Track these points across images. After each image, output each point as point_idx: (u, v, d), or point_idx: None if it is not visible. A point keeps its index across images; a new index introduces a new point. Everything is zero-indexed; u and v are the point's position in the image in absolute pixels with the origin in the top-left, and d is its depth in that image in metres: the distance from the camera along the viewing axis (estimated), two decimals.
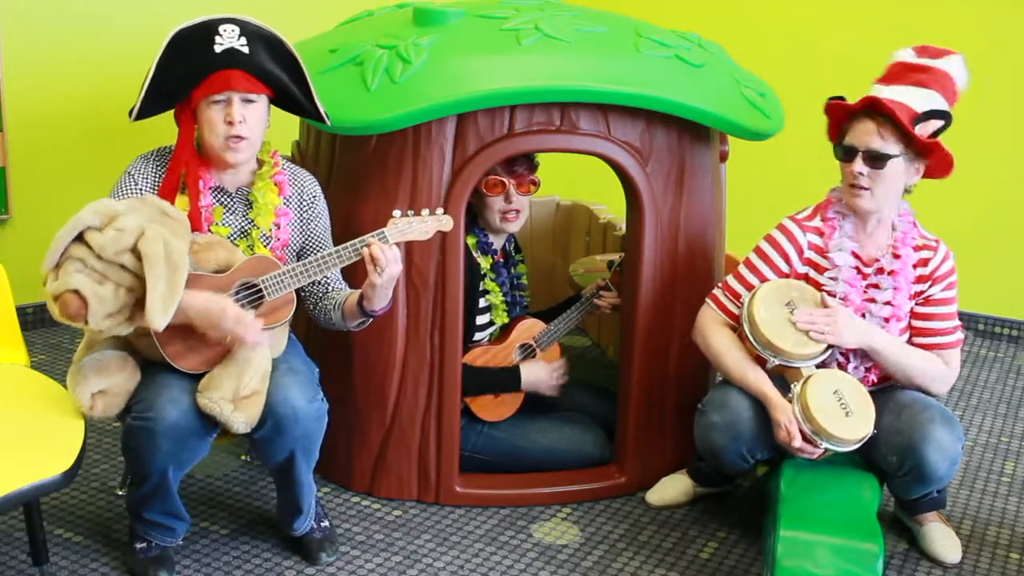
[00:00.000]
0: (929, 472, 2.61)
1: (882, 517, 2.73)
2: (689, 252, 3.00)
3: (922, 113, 2.60)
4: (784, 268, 2.78)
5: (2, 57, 3.83)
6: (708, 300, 2.83)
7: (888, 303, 2.70)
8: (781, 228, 2.80)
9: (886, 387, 2.78)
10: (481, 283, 3.07)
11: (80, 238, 2.25)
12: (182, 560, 2.65)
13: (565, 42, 2.77)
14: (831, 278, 2.73)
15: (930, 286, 2.73)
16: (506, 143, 2.79)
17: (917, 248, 2.73)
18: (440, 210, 2.57)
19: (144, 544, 2.58)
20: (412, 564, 2.70)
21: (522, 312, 3.22)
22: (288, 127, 3.33)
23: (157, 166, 2.52)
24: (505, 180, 2.99)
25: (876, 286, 2.72)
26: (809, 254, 2.77)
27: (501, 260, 3.15)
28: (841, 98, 2.70)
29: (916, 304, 2.74)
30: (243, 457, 3.18)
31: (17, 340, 2.69)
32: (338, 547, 2.72)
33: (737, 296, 2.77)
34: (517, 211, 3.04)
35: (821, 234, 2.76)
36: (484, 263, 3.08)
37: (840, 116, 2.70)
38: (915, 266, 2.72)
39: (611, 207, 4.16)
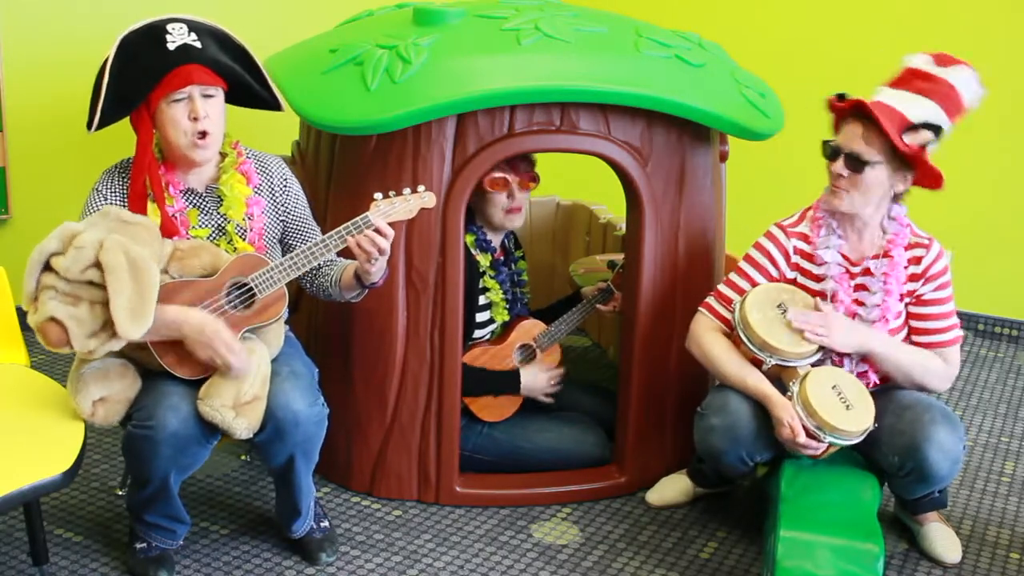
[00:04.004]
0: (931, 472, 2.62)
1: (882, 517, 2.73)
2: (689, 252, 3.00)
3: (914, 123, 2.59)
4: (773, 273, 2.78)
5: (2, 58, 3.83)
6: (701, 308, 2.84)
7: (878, 305, 2.71)
8: (768, 234, 2.82)
9: (887, 388, 2.78)
10: (480, 281, 3.07)
11: (48, 266, 2.26)
12: (182, 560, 2.65)
13: (565, 42, 2.77)
14: (818, 276, 2.74)
15: (923, 284, 2.73)
16: (506, 143, 2.79)
17: (909, 247, 2.73)
18: (421, 187, 2.53)
19: (144, 544, 2.58)
20: (412, 564, 2.70)
21: (523, 309, 3.22)
22: (288, 127, 3.33)
23: (123, 178, 2.51)
24: (508, 177, 3.00)
25: (864, 287, 2.73)
26: (796, 259, 2.78)
27: (501, 257, 3.15)
28: (844, 95, 2.68)
29: (911, 304, 2.74)
30: (243, 457, 3.18)
31: (17, 340, 2.69)
32: (338, 547, 2.72)
33: (730, 302, 2.78)
34: (520, 208, 3.05)
35: (807, 239, 2.77)
36: (483, 261, 3.08)
37: (840, 114, 2.70)
38: (907, 265, 2.72)
39: (611, 207, 4.15)
